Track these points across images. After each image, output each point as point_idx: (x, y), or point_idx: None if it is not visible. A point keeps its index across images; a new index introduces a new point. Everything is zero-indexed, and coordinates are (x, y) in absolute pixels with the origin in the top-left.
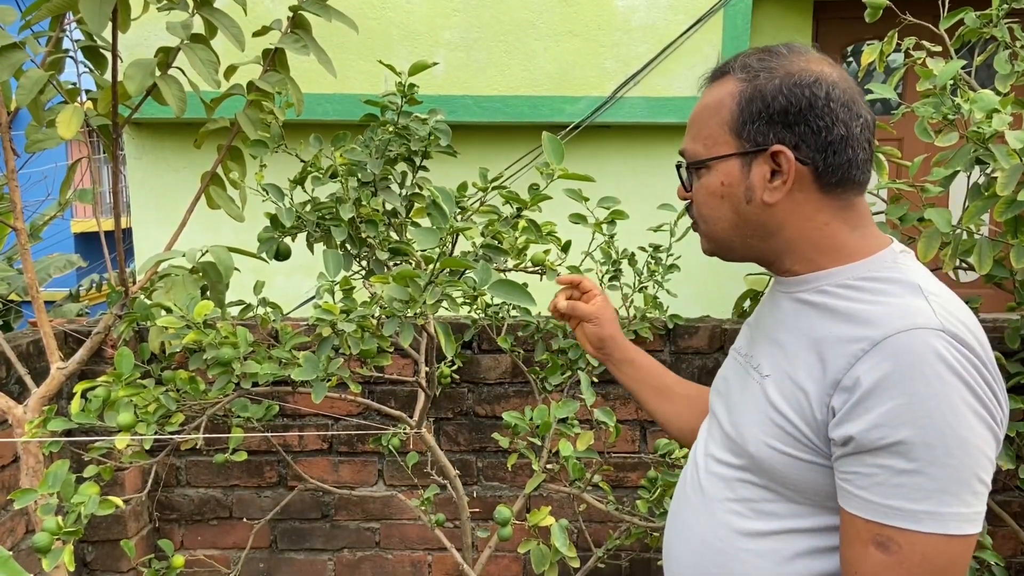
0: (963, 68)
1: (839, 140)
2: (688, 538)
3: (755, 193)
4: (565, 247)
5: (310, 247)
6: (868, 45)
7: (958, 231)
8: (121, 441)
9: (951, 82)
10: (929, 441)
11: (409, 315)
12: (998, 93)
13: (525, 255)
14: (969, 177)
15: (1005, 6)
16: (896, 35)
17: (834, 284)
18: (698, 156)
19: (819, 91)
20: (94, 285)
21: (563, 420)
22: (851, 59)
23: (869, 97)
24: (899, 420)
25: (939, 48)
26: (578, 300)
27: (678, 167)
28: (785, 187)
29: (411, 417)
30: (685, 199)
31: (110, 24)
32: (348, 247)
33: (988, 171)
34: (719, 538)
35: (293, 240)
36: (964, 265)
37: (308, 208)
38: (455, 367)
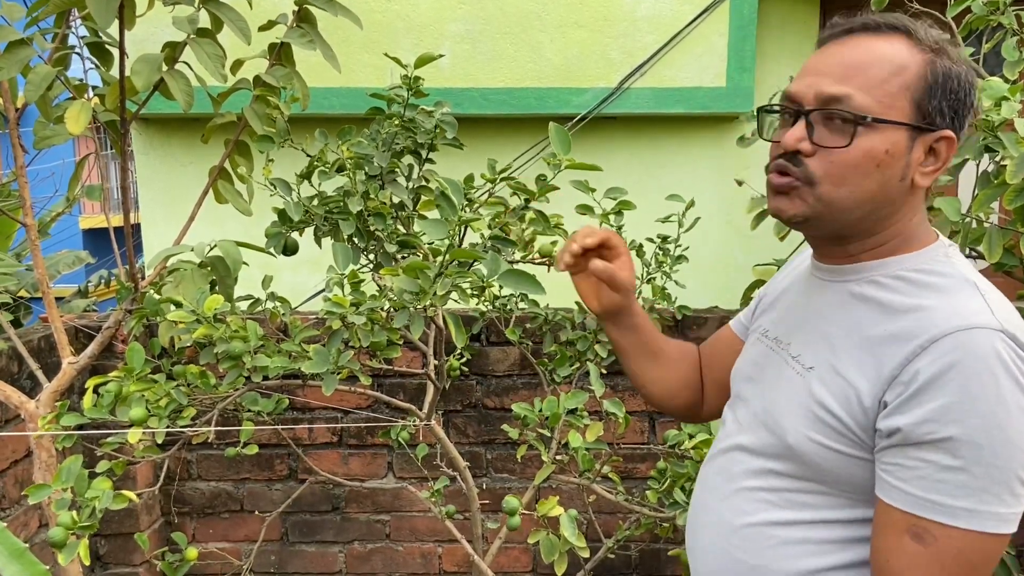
0: (971, 56)
1: (961, 139)
2: (713, 523)
3: (910, 171)
4: None
5: (318, 241)
6: None
7: (967, 219)
8: (133, 435)
9: None
10: (977, 440)
11: (419, 307)
12: (1006, 80)
13: (532, 247)
14: (978, 165)
15: None
16: None
17: (887, 275)
18: (868, 110)
19: (975, 95)
20: (102, 281)
21: (572, 411)
22: None
23: None
24: (950, 417)
25: (947, 36)
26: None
27: (806, 113)
28: (935, 173)
29: (420, 409)
30: (802, 151)
31: (116, 20)
32: (356, 241)
33: (997, 159)
34: (746, 525)
35: (301, 235)
36: (974, 254)
37: (315, 202)
38: (464, 359)
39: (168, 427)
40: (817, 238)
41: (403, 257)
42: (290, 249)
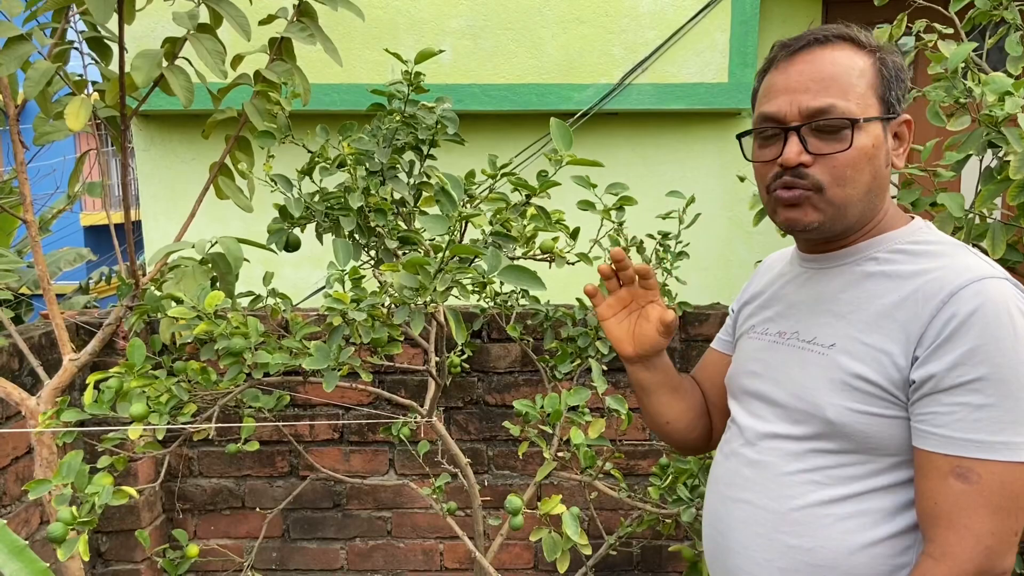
0: (974, 51)
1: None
2: (752, 516)
3: (889, 157)
4: (574, 234)
5: (319, 237)
6: (878, 28)
7: (971, 215)
8: (134, 431)
9: (962, 65)
10: (1004, 377)
11: (419, 303)
12: (1010, 75)
13: (533, 243)
14: (981, 161)
15: None
16: (906, 18)
17: (885, 250)
18: (852, 113)
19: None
20: (103, 278)
21: (574, 408)
22: None
23: None
24: (977, 359)
25: (950, 31)
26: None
27: (797, 128)
28: (905, 153)
29: (422, 406)
30: (804, 163)
31: (115, 15)
32: (357, 237)
33: (1000, 154)
34: (796, 509)
35: (302, 231)
36: (977, 249)
37: (316, 198)
38: (465, 356)
39: (169, 423)
40: (840, 233)
41: (404, 253)
42: (292, 245)
